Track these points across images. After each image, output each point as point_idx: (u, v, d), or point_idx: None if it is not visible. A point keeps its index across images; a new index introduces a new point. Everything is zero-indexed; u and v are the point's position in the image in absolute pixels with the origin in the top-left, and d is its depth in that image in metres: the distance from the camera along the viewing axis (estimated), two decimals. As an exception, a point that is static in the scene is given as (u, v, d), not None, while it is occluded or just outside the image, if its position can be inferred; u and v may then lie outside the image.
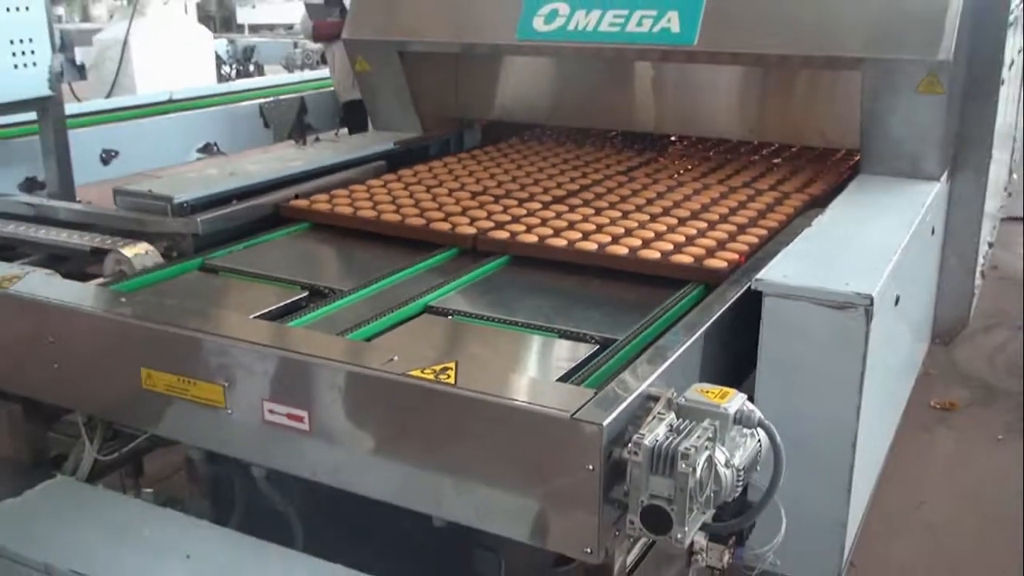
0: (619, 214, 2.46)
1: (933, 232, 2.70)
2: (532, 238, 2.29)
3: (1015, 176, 5.02)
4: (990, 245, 3.83)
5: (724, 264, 2.08)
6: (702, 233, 2.32)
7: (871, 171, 2.73)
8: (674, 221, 2.42)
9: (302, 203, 2.58)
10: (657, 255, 2.15)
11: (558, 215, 2.47)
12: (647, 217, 2.44)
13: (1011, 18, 2.83)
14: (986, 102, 2.81)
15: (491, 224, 2.40)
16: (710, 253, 2.16)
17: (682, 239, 2.26)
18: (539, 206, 2.55)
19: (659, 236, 2.29)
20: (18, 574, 1.69)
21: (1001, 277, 5.25)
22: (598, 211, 2.49)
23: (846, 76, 2.84)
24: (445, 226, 2.37)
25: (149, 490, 2.10)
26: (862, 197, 2.52)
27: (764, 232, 2.34)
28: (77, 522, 1.78)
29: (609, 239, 2.25)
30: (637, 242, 2.24)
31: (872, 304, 1.72)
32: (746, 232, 2.34)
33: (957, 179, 2.87)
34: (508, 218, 2.45)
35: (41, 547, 1.70)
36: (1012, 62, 3.16)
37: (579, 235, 2.29)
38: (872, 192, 2.55)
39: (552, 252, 2.23)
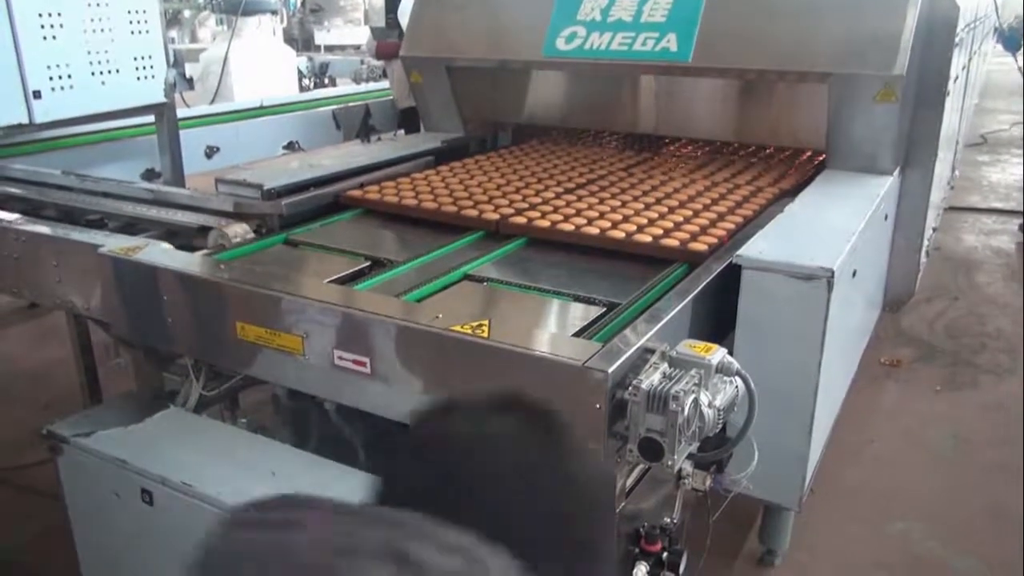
0: (619, 203, 2.41)
1: (886, 218, 2.66)
2: (546, 223, 2.24)
3: (957, 172, 4.92)
4: (934, 230, 3.76)
5: (704, 247, 2.03)
6: (687, 220, 2.27)
7: (835, 167, 2.68)
8: (664, 209, 2.37)
9: (357, 193, 2.58)
10: (649, 239, 2.11)
11: (568, 204, 2.42)
12: (642, 206, 2.39)
13: (956, 40, 2.75)
14: (933, 110, 2.74)
15: (512, 211, 2.35)
16: (693, 237, 2.11)
17: (671, 225, 2.21)
18: (552, 196, 2.51)
19: (651, 222, 2.24)
20: (140, 483, 1.73)
21: (943, 257, 5.17)
22: (601, 200, 2.45)
23: (815, 88, 2.78)
24: (473, 212, 2.35)
25: (243, 420, 2.13)
26: (827, 188, 2.47)
27: (740, 219, 2.29)
28: (186, 444, 1.81)
29: (609, 224, 2.21)
30: (633, 227, 2.19)
31: (833, 276, 1.70)
32: (725, 219, 2.28)
33: (907, 174, 2.81)
34: (526, 206, 2.41)
35: (158, 463, 1.73)
36: (956, 77, 3.08)
37: (584, 221, 2.24)
38: (835, 184, 2.51)
39: (562, 235, 2.19)
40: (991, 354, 3.89)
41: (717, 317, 1.84)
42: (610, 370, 1.32)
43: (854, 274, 2.00)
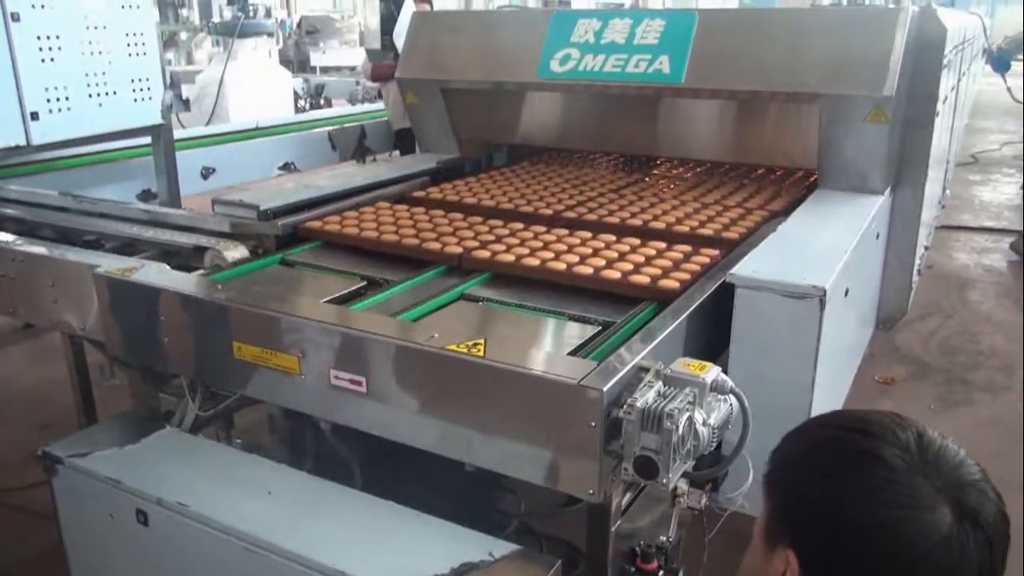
0: (589, 234, 2.31)
1: (878, 237, 2.68)
2: (510, 257, 2.11)
3: (948, 192, 4.96)
4: (926, 248, 3.78)
5: (676, 284, 1.91)
6: (660, 254, 2.15)
7: (826, 186, 2.71)
8: (637, 242, 2.25)
9: (316, 224, 2.43)
10: (618, 275, 1.98)
11: (536, 235, 2.30)
12: (613, 238, 2.28)
13: (945, 61, 2.79)
14: (923, 130, 2.78)
15: (476, 244, 2.22)
16: (666, 273, 1.99)
17: (642, 259, 2.10)
18: (521, 227, 2.39)
19: (622, 256, 2.12)
20: (136, 504, 1.72)
21: (935, 275, 5.20)
22: (571, 233, 2.33)
23: (806, 108, 2.81)
24: (436, 245, 2.22)
25: (239, 440, 2.13)
26: (819, 208, 2.50)
27: (716, 254, 2.17)
28: (182, 464, 1.81)
29: (578, 259, 2.09)
30: (602, 262, 2.07)
31: (825, 295, 1.71)
32: (701, 253, 2.17)
33: (898, 193, 2.84)
34: (492, 238, 2.28)
35: (154, 484, 1.72)
36: (946, 97, 3.12)
37: (552, 255, 2.12)
38: (827, 204, 2.53)
39: (526, 271, 2.05)
40: (985, 372, 3.91)
41: (711, 336, 1.85)
42: (605, 388, 1.33)
43: (847, 292, 2.01)
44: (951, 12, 3.96)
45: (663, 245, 2.22)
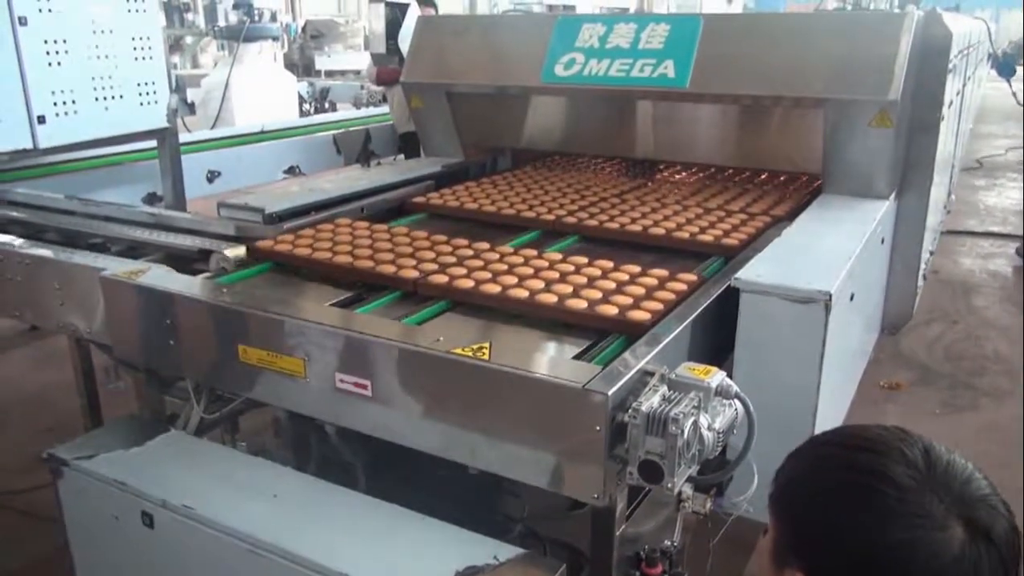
0: (559, 256, 2.14)
1: (883, 241, 2.68)
2: (469, 283, 1.94)
3: (953, 196, 4.96)
4: (931, 253, 3.78)
5: (647, 316, 1.73)
6: (634, 279, 1.97)
7: (831, 191, 2.71)
8: (609, 265, 2.07)
9: (267, 244, 2.25)
10: (583, 304, 1.81)
11: (502, 257, 2.14)
12: (584, 261, 2.10)
13: (950, 66, 2.79)
14: (928, 135, 2.78)
15: (435, 267, 2.05)
16: (637, 303, 1.82)
17: (612, 286, 1.92)
18: (487, 247, 2.22)
19: (591, 282, 1.94)
20: (141, 506, 1.73)
21: (940, 280, 5.19)
22: (541, 253, 2.17)
23: (811, 113, 2.82)
24: (390, 269, 2.05)
25: (243, 443, 2.13)
26: (823, 212, 2.50)
27: (694, 279, 2.00)
28: (187, 467, 1.81)
29: (542, 285, 1.92)
30: (569, 289, 1.89)
31: (830, 300, 1.71)
32: (677, 279, 1.98)
33: (904, 198, 2.84)
34: (453, 260, 2.11)
35: (159, 486, 1.73)
36: (951, 102, 3.12)
37: (515, 280, 1.95)
38: (832, 208, 2.53)
39: (484, 298, 1.89)
40: (990, 377, 3.90)
41: (716, 340, 1.85)
42: (610, 392, 1.33)
43: (852, 297, 2.01)
44: (956, 17, 3.96)
45: (637, 270, 2.03)
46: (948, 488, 0.87)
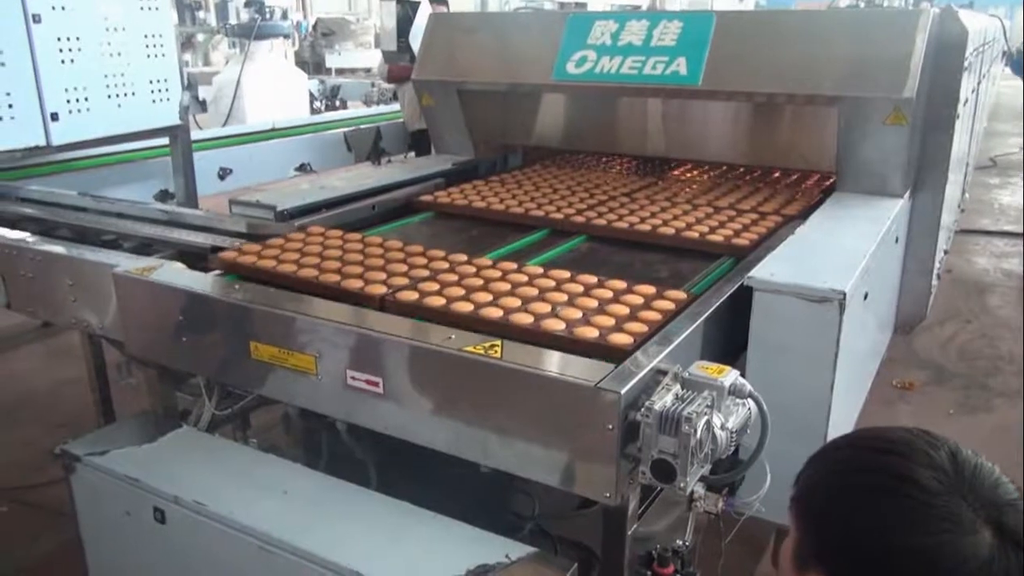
0: (540, 271, 2.00)
1: (897, 240, 2.66)
2: (440, 301, 1.80)
3: (967, 195, 4.92)
4: (945, 252, 3.75)
5: (629, 340, 1.59)
6: (617, 296, 1.83)
7: (845, 189, 2.69)
8: (593, 281, 1.94)
9: (231, 255, 2.12)
10: (561, 326, 1.66)
11: (479, 270, 2.00)
12: (567, 276, 1.96)
13: (966, 63, 2.77)
14: (943, 133, 2.75)
15: (406, 281, 1.93)
16: (620, 324, 1.68)
17: (594, 304, 1.79)
18: (464, 258, 2.09)
19: (572, 299, 1.81)
20: (153, 502, 1.73)
21: (954, 279, 5.16)
22: (520, 268, 2.04)
23: (824, 111, 2.80)
24: (358, 284, 1.91)
25: (255, 440, 2.14)
26: (837, 211, 2.48)
27: (683, 297, 1.85)
28: (198, 463, 1.82)
29: (519, 303, 1.79)
30: (547, 308, 1.76)
31: (845, 299, 1.70)
32: (664, 298, 1.84)
33: (918, 197, 2.82)
34: (426, 274, 1.98)
35: (171, 482, 1.74)
36: (966, 100, 3.09)
37: (489, 297, 1.82)
38: (846, 207, 2.51)
39: (457, 318, 1.73)
40: (1005, 377, 3.87)
41: (729, 338, 1.84)
42: (623, 391, 1.33)
43: (865, 296, 2.00)
44: (972, 14, 3.92)
45: (622, 286, 1.89)
46: (976, 492, 0.85)
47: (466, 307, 1.77)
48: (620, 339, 1.60)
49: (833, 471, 0.95)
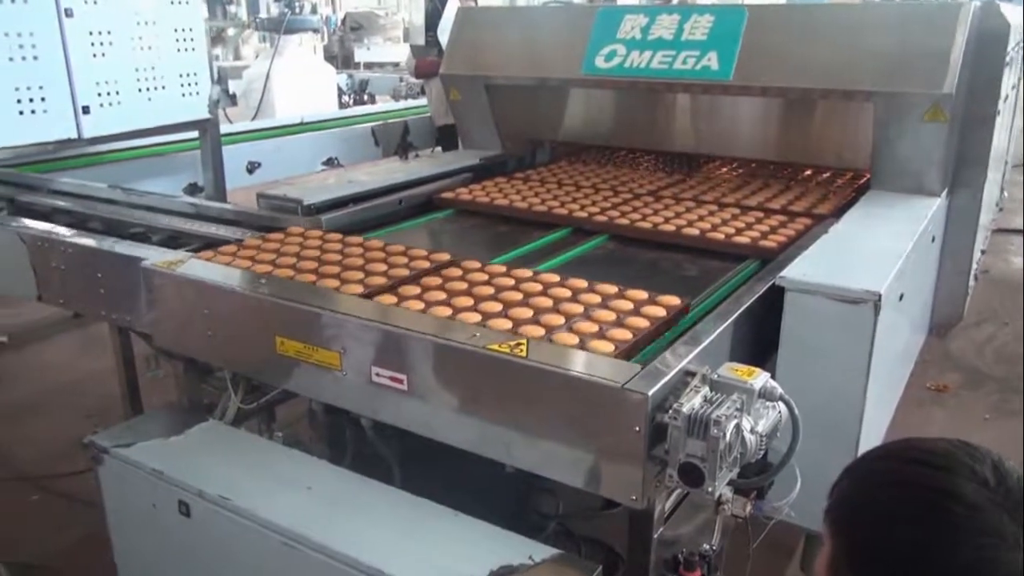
0: (529, 274, 1.93)
1: (933, 240, 2.60)
2: (418, 305, 1.75)
3: (1006, 194, 4.81)
4: (982, 252, 3.67)
5: (610, 348, 1.54)
6: (607, 302, 1.76)
7: (880, 187, 2.64)
8: (582, 286, 1.84)
9: (207, 254, 2.07)
10: (541, 332, 1.60)
11: (464, 273, 1.93)
12: (556, 279, 1.89)
13: (1007, 58, 2.69)
14: (983, 130, 2.69)
15: (384, 281, 1.89)
16: (602, 332, 1.62)
17: (580, 310, 1.72)
18: (447, 257, 2.04)
19: (556, 305, 1.74)
20: (178, 495, 1.74)
21: (992, 280, 5.05)
22: (508, 271, 1.95)
23: (859, 106, 2.74)
24: (334, 283, 1.88)
25: (280, 433, 2.14)
26: (872, 210, 2.43)
27: (677, 302, 1.78)
28: (223, 457, 1.82)
29: (499, 308, 1.73)
30: (528, 314, 1.70)
31: (880, 300, 1.66)
32: (656, 303, 1.76)
33: (956, 195, 2.75)
34: (406, 273, 1.93)
35: (196, 476, 1.74)
36: (1007, 96, 3.01)
37: (470, 302, 1.76)
38: (881, 206, 2.46)
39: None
40: (1042, 381, 3.77)
41: (759, 339, 1.80)
42: (650, 393, 1.31)
43: (901, 297, 1.95)
44: (1014, 8, 3.82)
45: (613, 290, 1.82)
46: (1021, 506, 0.82)
47: (444, 311, 1.71)
48: (601, 346, 1.54)
49: (871, 483, 0.92)
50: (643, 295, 1.80)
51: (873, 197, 2.57)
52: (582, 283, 1.87)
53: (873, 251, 1.98)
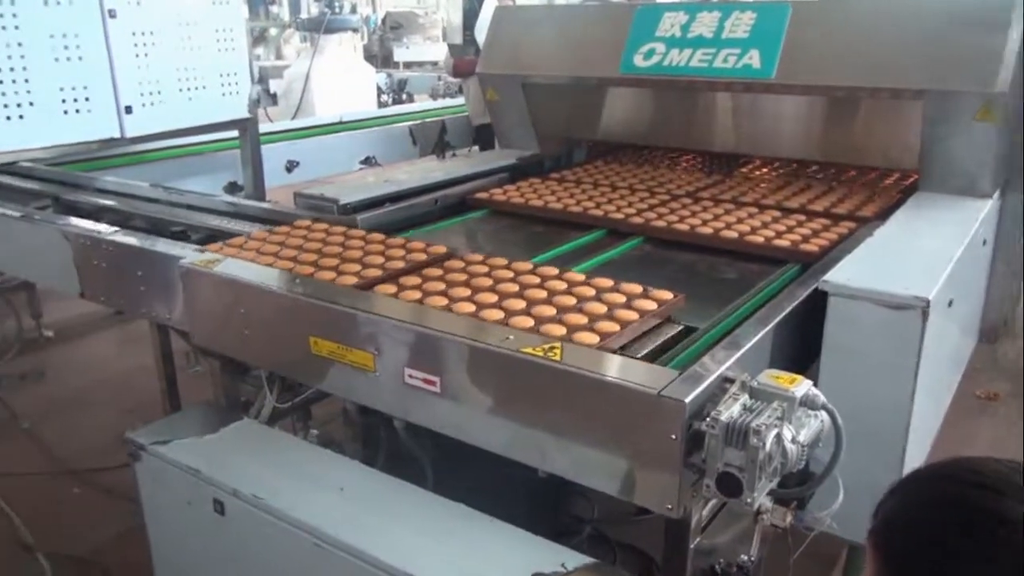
0: (529, 267, 1.94)
1: (984, 243, 2.51)
2: (415, 295, 1.79)
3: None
4: (1035, 255, 3.54)
5: (596, 339, 1.54)
6: (600, 295, 1.76)
7: (929, 189, 2.55)
8: (579, 279, 1.84)
9: (215, 247, 2.13)
10: (531, 323, 1.63)
11: (466, 265, 1.94)
12: (555, 272, 1.90)
13: (1064, 54, 2.59)
14: (1038, 129, 2.59)
15: (379, 273, 1.92)
16: (591, 324, 1.63)
17: (572, 302, 1.73)
18: (443, 250, 2.07)
19: (551, 297, 1.75)
20: (213, 494, 1.75)
21: (1043, 284, 4.87)
22: (509, 264, 1.96)
23: (906, 105, 2.66)
24: (328, 276, 1.90)
25: (315, 432, 2.14)
26: (920, 212, 2.35)
27: (668, 297, 1.78)
28: (258, 456, 1.83)
29: (495, 299, 1.76)
30: (521, 304, 1.72)
31: (928, 306, 1.60)
32: (648, 297, 1.76)
33: (1008, 197, 2.66)
34: (402, 265, 1.96)
35: (230, 474, 1.75)
36: (1063, 94, 2.90)
37: (467, 292, 1.78)
38: (930, 208, 2.38)
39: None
40: (1097, 390, 3.63)
41: (801, 345, 1.75)
42: (687, 400, 1.27)
43: (950, 303, 1.88)
44: (1071, 2, 3.68)
45: (609, 284, 1.82)
46: None
47: (440, 301, 1.74)
48: (586, 338, 1.54)
49: (917, 504, 0.88)
50: (637, 288, 1.79)
51: (921, 199, 2.49)
52: (579, 276, 1.87)
53: (921, 255, 1.91)
